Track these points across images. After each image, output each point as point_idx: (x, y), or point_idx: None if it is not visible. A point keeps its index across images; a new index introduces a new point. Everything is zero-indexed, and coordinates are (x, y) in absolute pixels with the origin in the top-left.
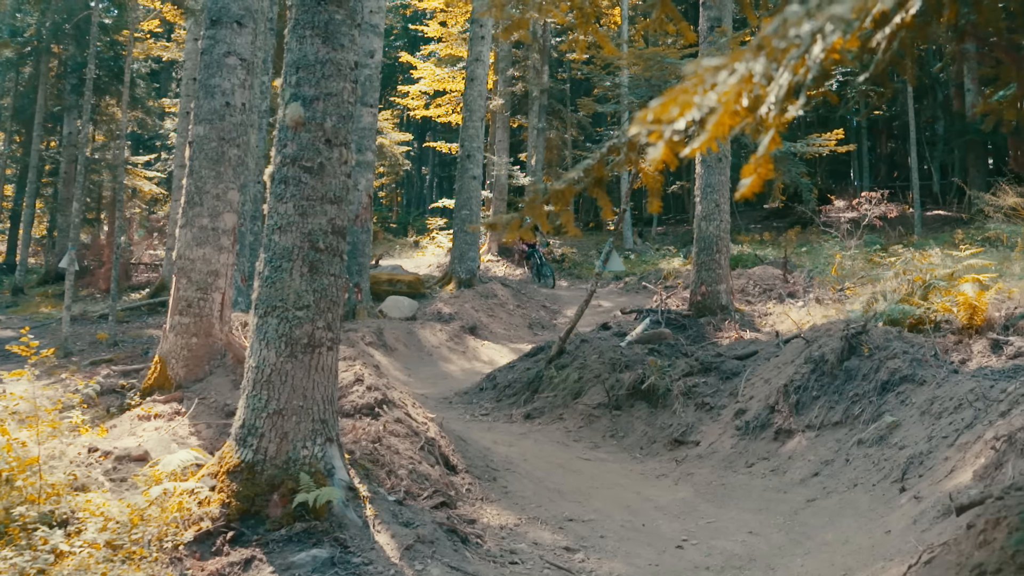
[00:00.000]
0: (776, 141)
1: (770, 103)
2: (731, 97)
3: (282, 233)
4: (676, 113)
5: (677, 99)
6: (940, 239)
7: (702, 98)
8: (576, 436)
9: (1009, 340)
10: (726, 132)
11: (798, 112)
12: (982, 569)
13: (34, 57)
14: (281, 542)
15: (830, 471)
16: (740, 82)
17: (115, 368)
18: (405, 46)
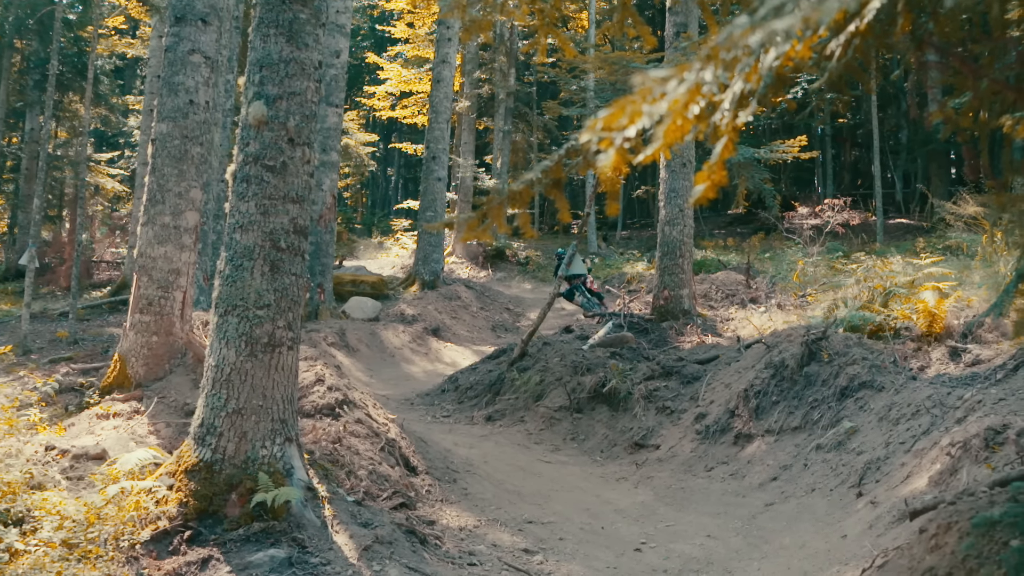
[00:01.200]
0: (729, 148)
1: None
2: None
3: (244, 232)
4: (626, 122)
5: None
6: (902, 247)
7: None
8: (537, 439)
9: (968, 348)
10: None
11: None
12: (933, 573)
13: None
14: (239, 542)
15: (788, 476)
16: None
17: (74, 366)
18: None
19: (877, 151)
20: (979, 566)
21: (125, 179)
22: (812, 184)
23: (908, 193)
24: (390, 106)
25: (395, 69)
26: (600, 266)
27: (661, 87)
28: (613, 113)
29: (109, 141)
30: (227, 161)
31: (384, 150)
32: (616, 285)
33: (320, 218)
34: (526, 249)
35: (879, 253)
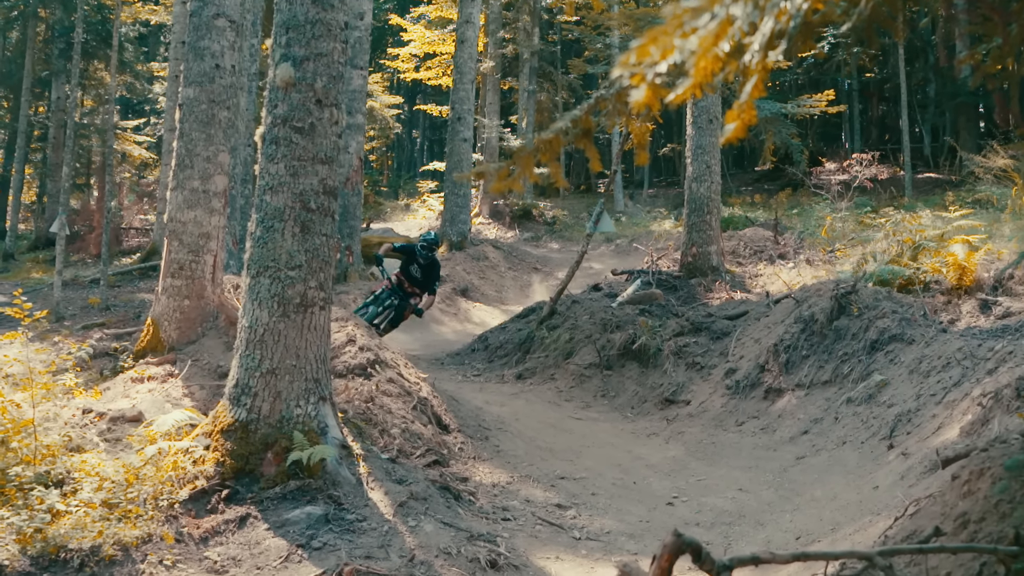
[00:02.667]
0: (759, 88)
1: (753, 51)
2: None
3: (273, 193)
4: (657, 56)
5: (657, 40)
6: (931, 201)
7: (683, 41)
8: (567, 396)
9: (998, 300)
10: (709, 77)
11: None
12: (966, 518)
13: (21, 22)
14: (275, 500)
15: (819, 429)
16: (720, 25)
17: (107, 332)
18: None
19: (905, 105)
20: (1012, 509)
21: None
22: (839, 139)
23: (936, 147)
24: (414, 68)
25: (418, 30)
26: (627, 224)
27: (692, 20)
28: (644, 44)
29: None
30: (253, 125)
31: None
32: (643, 243)
33: (347, 181)
34: (553, 209)
35: (908, 208)
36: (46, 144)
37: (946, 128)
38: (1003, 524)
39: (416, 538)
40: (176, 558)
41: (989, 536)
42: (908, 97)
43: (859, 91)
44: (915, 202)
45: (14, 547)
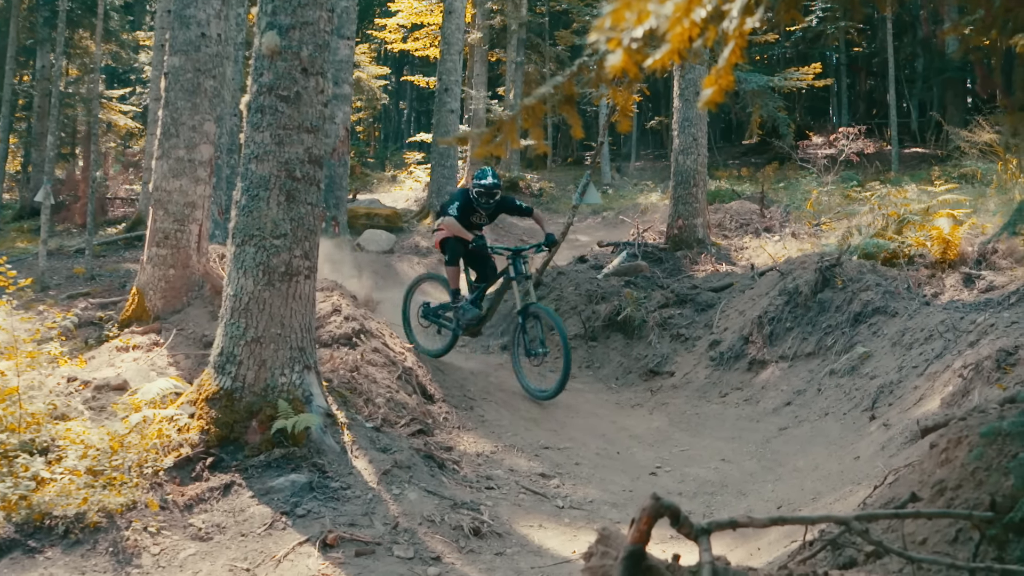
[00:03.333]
0: (737, 54)
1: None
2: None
3: (259, 162)
4: (633, 21)
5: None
6: (917, 176)
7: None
8: (552, 367)
9: (981, 274)
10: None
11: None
12: (943, 486)
13: None
14: (260, 467)
15: (802, 400)
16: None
17: (93, 301)
18: None
19: (892, 80)
20: (988, 476)
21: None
22: (827, 113)
23: (923, 122)
24: (401, 39)
25: (406, 1)
26: (614, 197)
27: None
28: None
29: (120, 78)
30: (239, 95)
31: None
32: (630, 215)
33: (333, 151)
34: (540, 181)
35: (894, 182)
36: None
37: (933, 103)
38: (979, 491)
39: (400, 506)
40: (161, 525)
41: (965, 503)
42: (896, 72)
43: (847, 65)
44: (901, 176)
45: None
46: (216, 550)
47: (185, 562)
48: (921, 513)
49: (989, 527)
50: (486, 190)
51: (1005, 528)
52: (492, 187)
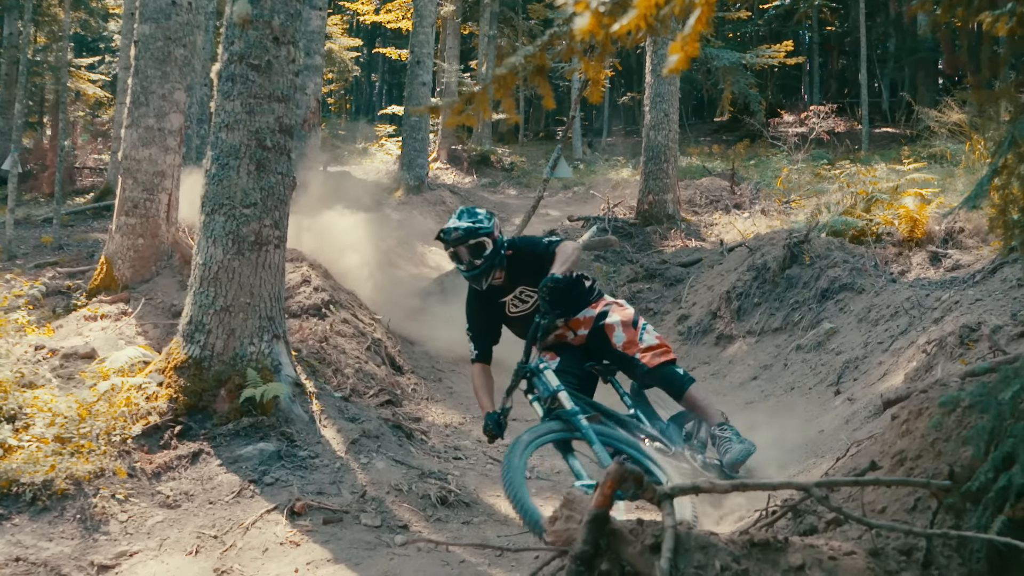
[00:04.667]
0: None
1: None
2: None
3: (229, 131)
4: None
5: None
6: (887, 155)
7: None
8: None
9: (948, 253)
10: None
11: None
12: (903, 456)
13: None
14: (228, 436)
15: (769, 375)
16: None
17: (60, 270)
18: None
19: (864, 59)
20: (947, 447)
21: (106, 85)
22: (798, 92)
23: (894, 102)
24: (374, 10)
25: None
26: (585, 172)
27: None
28: None
29: (89, 46)
30: (210, 65)
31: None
32: (600, 190)
33: (304, 122)
34: (511, 155)
35: (864, 161)
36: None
37: (905, 83)
38: (938, 461)
39: (368, 475)
40: (129, 492)
41: (925, 472)
42: (868, 51)
43: (819, 44)
44: (871, 155)
45: None
46: (184, 517)
47: (153, 529)
48: (880, 481)
49: (947, 496)
50: (455, 241)
51: (963, 497)
52: (460, 237)
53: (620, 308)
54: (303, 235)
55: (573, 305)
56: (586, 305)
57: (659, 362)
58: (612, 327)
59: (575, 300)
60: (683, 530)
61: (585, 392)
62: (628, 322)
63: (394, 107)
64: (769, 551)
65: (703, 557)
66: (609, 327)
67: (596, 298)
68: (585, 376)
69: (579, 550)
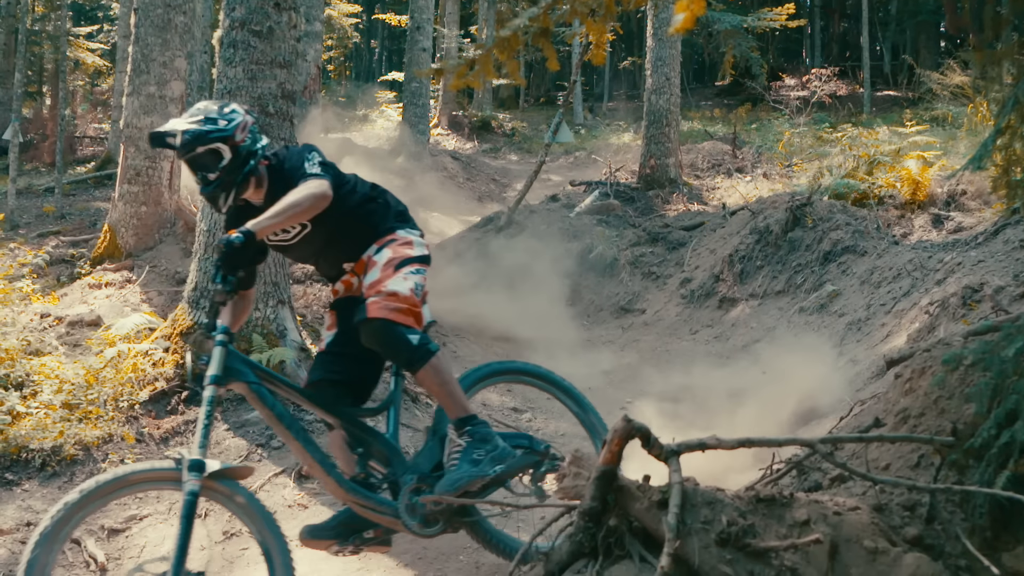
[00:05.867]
0: None
1: None
2: None
3: (231, 97)
4: None
5: None
6: (889, 118)
7: None
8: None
9: (950, 215)
10: None
11: None
12: (906, 414)
13: None
14: (235, 401)
15: (771, 338)
16: None
17: (63, 239)
18: None
19: (866, 22)
20: (950, 404)
21: (105, 53)
22: (800, 55)
23: (896, 65)
24: None
25: None
26: (586, 137)
27: None
28: None
29: (87, 15)
30: (210, 32)
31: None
32: (602, 155)
33: (305, 89)
34: (512, 121)
35: (865, 124)
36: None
37: (906, 46)
38: (941, 419)
39: None
40: (137, 457)
41: (928, 430)
42: (869, 14)
43: (821, 7)
44: (873, 119)
45: None
46: None
47: (162, 493)
48: (884, 437)
49: (950, 452)
50: (179, 151)
51: (965, 453)
52: (185, 144)
53: (401, 246)
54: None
55: (357, 242)
56: (373, 240)
57: (382, 316)
58: (373, 263)
59: (358, 235)
60: (690, 486)
61: (366, 379)
62: (394, 260)
63: (394, 73)
64: (775, 506)
65: (709, 512)
66: (370, 262)
67: (387, 230)
68: (363, 358)
69: (587, 506)
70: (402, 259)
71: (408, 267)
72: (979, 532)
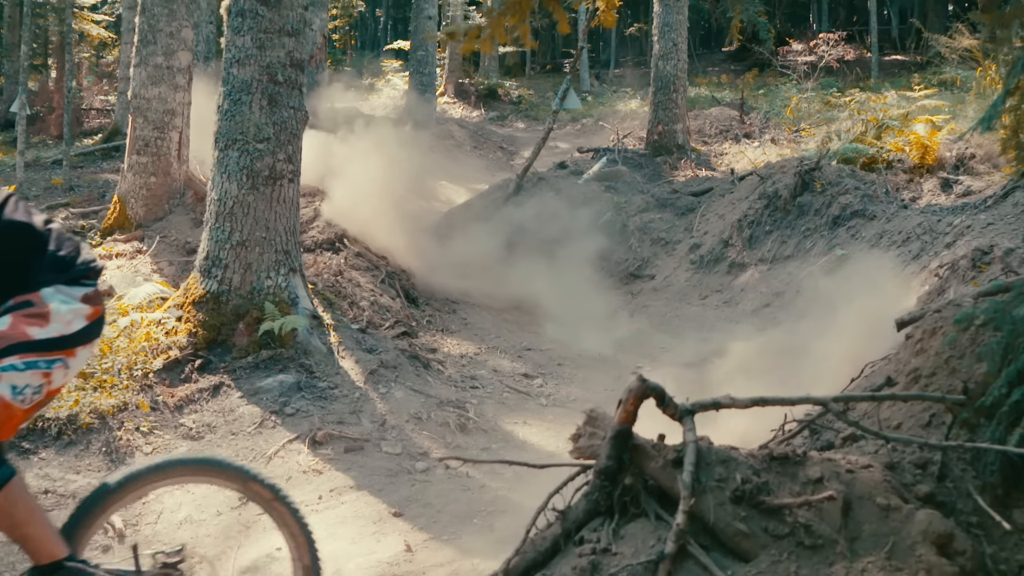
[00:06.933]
0: None
1: None
2: None
3: (240, 66)
4: None
5: None
6: (897, 83)
7: None
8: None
9: (959, 179)
10: None
11: None
12: (917, 374)
13: None
14: (248, 369)
15: (781, 303)
16: None
17: (73, 211)
18: None
19: None
20: (961, 364)
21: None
22: (807, 20)
23: (904, 29)
24: None
25: None
26: (593, 104)
27: None
28: None
29: None
30: (215, 2)
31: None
32: (609, 122)
33: (311, 58)
34: (519, 88)
35: (873, 88)
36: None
37: (914, 10)
38: (952, 378)
39: (387, 404)
40: (152, 425)
41: (939, 389)
42: None
43: None
44: (881, 83)
45: None
46: (208, 448)
47: None
48: (896, 396)
49: (962, 411)
50: None
51: (977, 412)
52: None
53: (26, 319)
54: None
55: None
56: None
57: None
58: None
59: None
60: (704, 444)
61: None
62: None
63: (400, 42)
64: (788, 464)
65: (724, 470)
66: None
67: (31, 286)
68: None
69: (603, 465)
70: (14, 343)
71: (14, 357)
72: (990, 489)
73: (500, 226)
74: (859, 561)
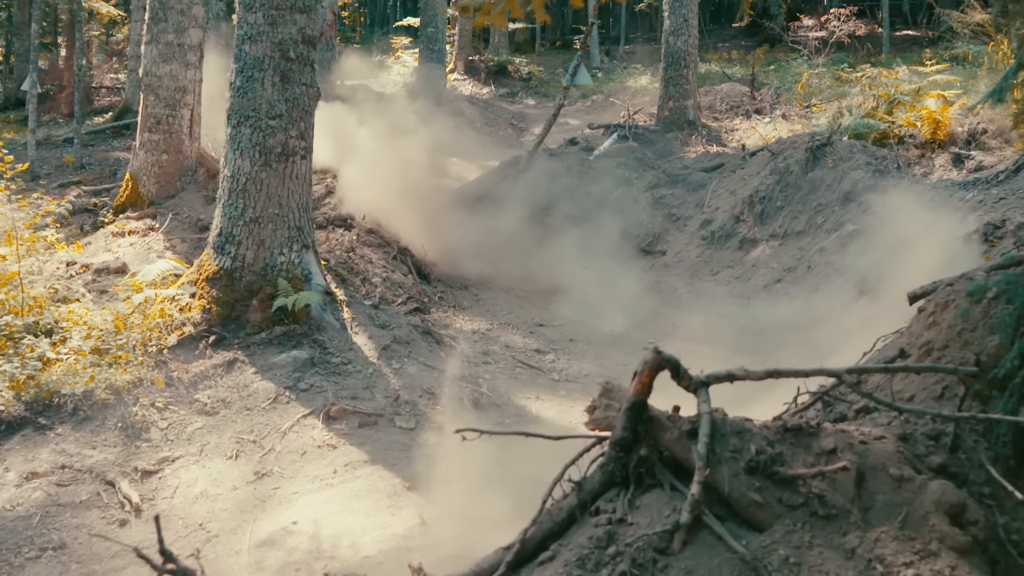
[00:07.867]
0: None
1: None
2: None
3: (252, 43)
4: None
5: None
6: (908, 58)
7: None
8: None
9: (971, 154)
10: None
11: None
12: (930, 346)
13: None
14: (262, 344)
15: (792, 277)
16: None
17: (85, 189)
18: None
19: None
20: (974, 337)
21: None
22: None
23: (916, 4)
24: None
25: None
26: (603, 80)
27: None
28: None
29: None
30: None
31: None
32: (620, 98)
33: (321, 35)
34: (528, 65)
35: (885, 64)
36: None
37: None
38: (965, 351)
39: (400, 379)
40: (167, 400)
41: (952, 361)
42: None
43: None
44: (892, 59)
45: (8, 393)
46: (223, 424)
47: (193, 435)
48: (909, 368)
49: (974, 382)
50: None
51: (989, 384)
52: None
53: None
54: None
55: None
56: None
57: None
58: None
59: None
60: (719, 416)
61: None
62: None
63: (409, 19)
64: (802, 436)
65: (738, 441)
66: None
67: None
68: None
69: (619, 436)
70: None
71: None
72: (1003, 460)
73: (512, 203)
74: (872, 531)
